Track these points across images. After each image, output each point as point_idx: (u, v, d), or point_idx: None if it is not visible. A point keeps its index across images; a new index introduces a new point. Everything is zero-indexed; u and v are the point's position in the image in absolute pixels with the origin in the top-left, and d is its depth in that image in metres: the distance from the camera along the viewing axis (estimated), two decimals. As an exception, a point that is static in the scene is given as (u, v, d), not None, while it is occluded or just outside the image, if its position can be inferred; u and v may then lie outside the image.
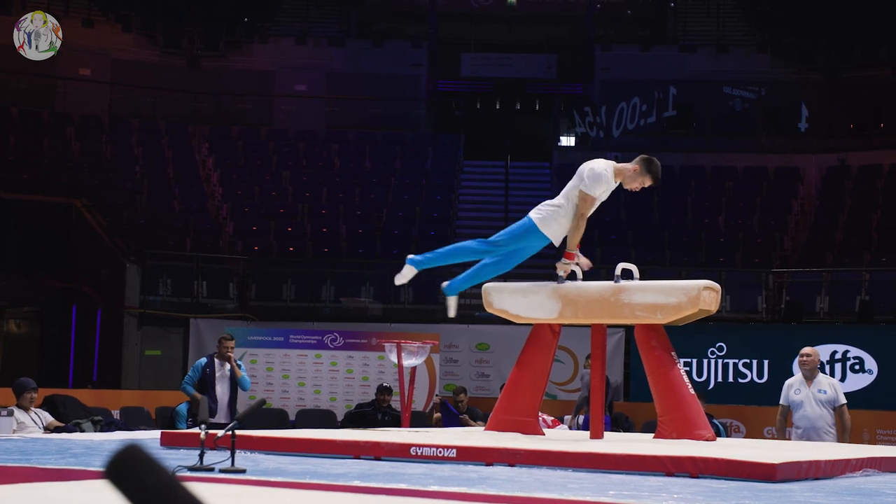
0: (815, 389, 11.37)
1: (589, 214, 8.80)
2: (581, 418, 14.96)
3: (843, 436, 11.30)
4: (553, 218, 8.79)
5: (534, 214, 8.86)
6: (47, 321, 23.59)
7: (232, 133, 27.93)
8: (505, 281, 10.61)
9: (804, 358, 11.61)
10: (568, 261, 8.86)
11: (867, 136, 27.56)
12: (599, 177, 8.69)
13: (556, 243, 8.91)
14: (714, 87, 28.51)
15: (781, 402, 11.57)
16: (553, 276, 9.06)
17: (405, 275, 9.02)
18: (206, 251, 22.84)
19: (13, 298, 23.13)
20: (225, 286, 22.39)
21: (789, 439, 11.55)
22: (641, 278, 9.06)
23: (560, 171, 25.78)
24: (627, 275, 9.03)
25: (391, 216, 25.09)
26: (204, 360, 14.30)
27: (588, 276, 9.40)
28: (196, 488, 2.12)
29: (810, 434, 11.21)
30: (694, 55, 29.76)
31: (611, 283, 9.02)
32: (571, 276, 9.08)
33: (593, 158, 9.18)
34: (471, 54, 33.31)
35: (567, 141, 31.34)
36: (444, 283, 9.28)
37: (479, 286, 9.46)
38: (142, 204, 24.33)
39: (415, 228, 24.72)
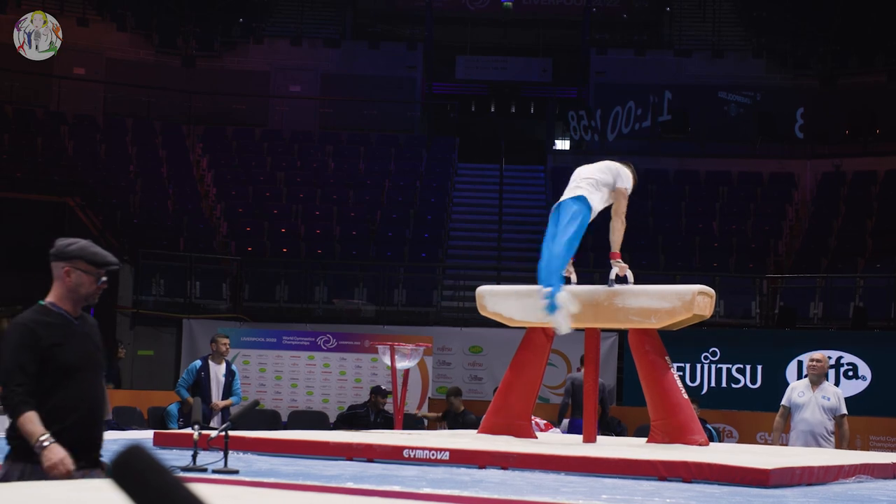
0: (819, 395, 11.35)
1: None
2: (565, 422, 14.88)
3: (842, 445, 11.28)
4: (593, 189, 8.96)
5: (578, 192, 8.90)
6: (40, 320, 23.51)
7: (226, 133, 27.90)
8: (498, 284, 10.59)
9: (813, 363, 11.61)
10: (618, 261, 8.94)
11: (862, 142, 27.55)
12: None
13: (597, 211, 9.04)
14: (709, 91, 28.51)
15: (783, 402, 11.54)
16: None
17: (564, 314, 8.59)
18: (200, 251, 22.80)
19: (6, 297, 23.06)
20: (218, 287, 22.35)
21: (785, 444, 11.53)
22: (635, 283, 9.06)
23: (554, 175, 25.76)
24: (622, 280, 9.03)
25: (385, 218, 25.06)
26: (199, 362, 14.12)
27: (582, 279, 9.40)
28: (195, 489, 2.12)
29: (808, 438, 11.19)
30: (689, 60, 29.76)
31: (605, 287, 9.01)
32: (566, 280, 9.07)
33: (589, 163, 9.29)
34: (466, 57, 33.31)
35: (561, 145, 31.36)
36: (545, 307, 8.62)
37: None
38: (135, 203, 24.28)
39: (409, 230, 24.70)
